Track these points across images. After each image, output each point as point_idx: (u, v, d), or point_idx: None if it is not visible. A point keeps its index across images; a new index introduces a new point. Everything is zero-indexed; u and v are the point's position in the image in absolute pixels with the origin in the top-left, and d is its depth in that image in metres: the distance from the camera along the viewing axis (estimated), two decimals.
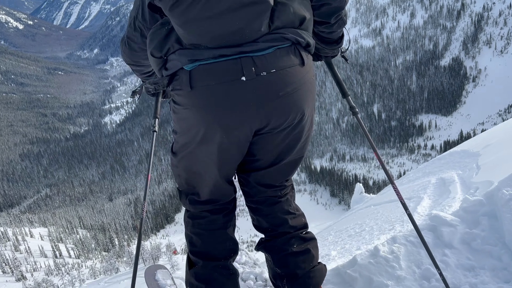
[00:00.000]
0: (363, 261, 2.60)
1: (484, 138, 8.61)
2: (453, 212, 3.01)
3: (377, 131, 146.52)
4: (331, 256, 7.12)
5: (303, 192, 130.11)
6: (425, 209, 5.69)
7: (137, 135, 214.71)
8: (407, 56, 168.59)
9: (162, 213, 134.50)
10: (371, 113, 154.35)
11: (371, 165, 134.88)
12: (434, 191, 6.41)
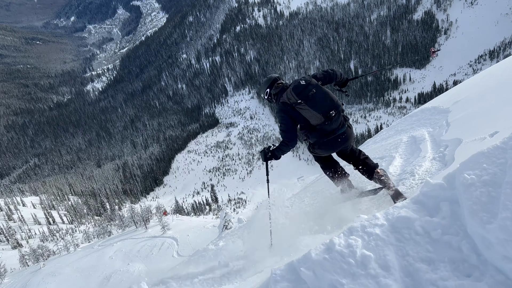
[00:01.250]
0: (317, 257, 2.42)
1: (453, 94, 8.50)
2: (413, 197, 2.73)
3: (354, 87, 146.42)
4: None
5: None
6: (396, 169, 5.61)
7: (120, 102, 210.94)
8: (381, 11, 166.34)
9: (150, 176, 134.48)
10: (348, 69, 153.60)
11: (350, 120, 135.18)
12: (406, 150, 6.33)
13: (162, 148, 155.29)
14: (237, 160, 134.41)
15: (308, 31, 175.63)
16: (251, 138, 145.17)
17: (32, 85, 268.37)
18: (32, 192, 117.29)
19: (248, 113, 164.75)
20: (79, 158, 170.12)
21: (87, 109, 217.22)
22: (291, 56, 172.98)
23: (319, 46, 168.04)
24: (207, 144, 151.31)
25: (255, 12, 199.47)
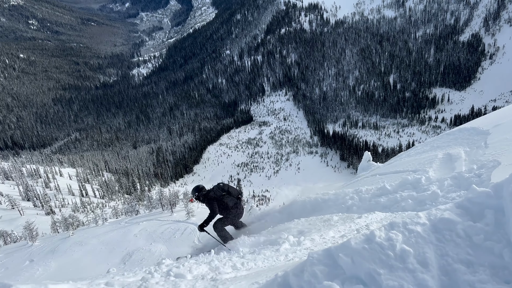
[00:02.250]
0: (357, 246, 2.47)
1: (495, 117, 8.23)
2: (457, 202, 2.71)
3: (390, 101, 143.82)
4: (333, 220, 7.07)
5: (315, 154, 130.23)
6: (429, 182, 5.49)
7: (162, 89, 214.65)
8: (428, 29, 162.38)
9: (181, 163, 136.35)
10: (386, 83, 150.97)
11: (382, 133, 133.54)
12: (440, 166, 6.21)
13: (196, 138, 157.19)
14: (265, 158, 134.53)
15: (351, 40, 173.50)
16: (282, 138, 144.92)
17: (82, 63, 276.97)
18: (70, 164, 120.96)
19: (282, 114, 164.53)
20: (117, 138, 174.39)
21: (130, 92, 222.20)
22: (332, 64, 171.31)
23: (361, 57, 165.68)
24: (238, 139, 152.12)
25: (302, 16, 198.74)
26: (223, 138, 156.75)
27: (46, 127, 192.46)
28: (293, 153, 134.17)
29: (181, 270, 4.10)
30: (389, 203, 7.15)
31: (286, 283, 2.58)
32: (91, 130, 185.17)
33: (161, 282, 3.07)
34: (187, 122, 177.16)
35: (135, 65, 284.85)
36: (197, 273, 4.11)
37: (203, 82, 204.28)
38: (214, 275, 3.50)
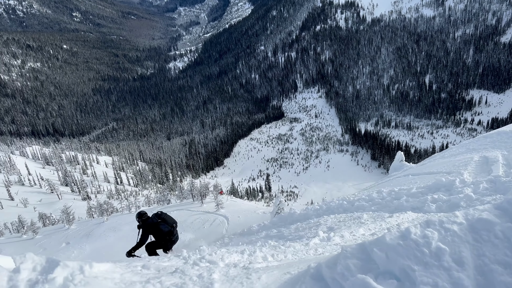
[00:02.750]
0: (391, 241, 2.45)
1: None
2: (496, 203, 2.64)
3: (425, 101, 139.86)
4: (363, 218, 6.99)
5: (345, 152, 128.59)
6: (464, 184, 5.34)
7: (197, 83, 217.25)
8: (467, 29, 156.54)
9: (212, 156, 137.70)
10: (422, 83, 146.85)
11: (415, 134, 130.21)
12: (476, 169, 6.00)
13: (228, 131, 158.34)
14: (295, 155, 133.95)
15: (387, 39, 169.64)
16: (312, 135, 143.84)
17: (121, 55, 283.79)
18: (107, 152, 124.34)
19: (313, 111, 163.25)
20: (152, 129, 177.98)
21: (166, 85, 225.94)
22: (366, 62, 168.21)
23: (396, 56, 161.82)
24: (269, 135, 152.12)
25: (338, 14, 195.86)
26: (254, 133, 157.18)
27: (85, 116, 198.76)
28: (323, 151, 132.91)
29: (214, 258, 4.18)
30: (420, 204, 7.01)
31: (319, 274, 2.59)
32: (128, 120, 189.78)
33: (196, 267, 3.14)
34: (220, 116, 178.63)
35: (172, 58, 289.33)
36: (229, 262, 4.18)
37: (236, 77, 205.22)
38: (246, 264, 3.56)
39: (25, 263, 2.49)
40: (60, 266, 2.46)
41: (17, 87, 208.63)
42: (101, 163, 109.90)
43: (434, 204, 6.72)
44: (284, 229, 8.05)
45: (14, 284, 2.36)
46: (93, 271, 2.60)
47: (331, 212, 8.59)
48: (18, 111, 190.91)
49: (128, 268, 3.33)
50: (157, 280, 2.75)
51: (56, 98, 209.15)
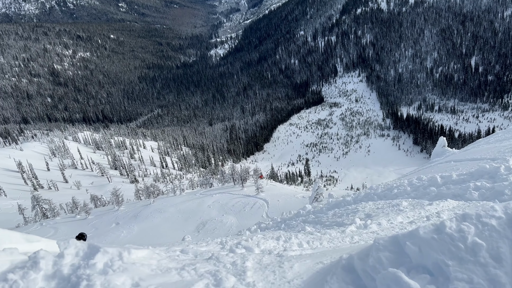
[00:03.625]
0: (425, 235, 2.33)
1: None
2: None
3: (471, 84, 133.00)
4: (402, 206, 6.79)
5: (386, 137, 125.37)
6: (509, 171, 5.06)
7: (237, 69, 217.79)
8: None
9: (253, 141, 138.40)
10: (467, 65, 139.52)
11: (460, 118, 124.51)
12: None
13: (267, 117, 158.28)
14: (335, 140, 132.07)
15: (431, 20, 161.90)
16: (352, 120, 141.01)
17: (165, 44, 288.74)
18: (153, 138, 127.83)
19: (354, 95, 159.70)
20: (195, 115, 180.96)
21: (208, 72, 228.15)
22: (409, 45, 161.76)
23: (440, 38, 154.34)
24: (308, 120, 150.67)
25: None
26: (293, 118, 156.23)
27: (132, 102, 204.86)
28: (364, 135, 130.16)
29: (250, 244, 4.22)
30: (461, 192, 6.72)
31: (350, 266, 2.54)
32: (172, 107, 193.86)
33: (230, 254, 3.19)
34: (259, 101, 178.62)
35: (213, 46, 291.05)
36: (264, 248, 4.20)
37: (276, 63, 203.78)
38: (280, 251, 3.57)
39: (69, 249, 2.61)
40: (101, 252, 2.56)
41: (69, 76, 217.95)
42: (148, 148, 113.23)
43: (476, 192, 6.43)
44: (322, 214, 7.97)
45: (59, 268, 2.49)
46: (131, 258, 2.70)
47: (369, 199, 8.42)
48: (70, 98, 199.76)
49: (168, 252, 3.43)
50: (192, 267, 2.81)
51: (105, 86, 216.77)
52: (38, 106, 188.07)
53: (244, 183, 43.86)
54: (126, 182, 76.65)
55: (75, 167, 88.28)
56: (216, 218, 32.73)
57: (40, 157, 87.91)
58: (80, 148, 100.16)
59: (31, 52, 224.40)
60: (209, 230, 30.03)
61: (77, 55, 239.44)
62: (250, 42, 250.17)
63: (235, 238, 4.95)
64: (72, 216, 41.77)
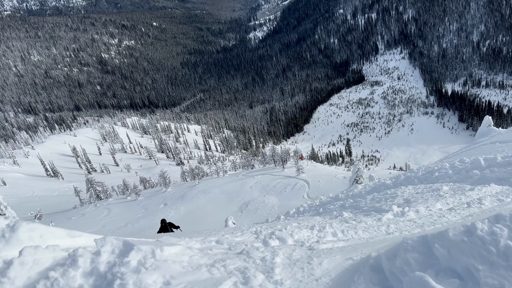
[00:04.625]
0: (455, 237, 2.20)
1: None
2: None
3: None
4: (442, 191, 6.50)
5: (430, 114, 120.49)
6: None
7: (276, 51, 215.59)
8: None
9: (292, 123, 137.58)
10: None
11: (509, 93, 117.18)
12: None
13: (307, 98, 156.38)
14: (376, 119, 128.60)
15: None
16: (395, 98, 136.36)
17: (205, 29, 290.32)
18: (196, 122, 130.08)
19: (396, 73, 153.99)
20: (235, 98, 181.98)
21: (247, 55, 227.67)
22: (453, 18, 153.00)
23: (488, 9, 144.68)
24: (349, 100, 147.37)
25: None
26: (333, 98, 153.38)
27: (176, 88, 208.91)
28: (407, 114, 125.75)
29: (284, 234, 4.21)
30: (506, 175, 6.34)
31: (378, 265, 2.45)
32: (213, 91, 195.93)
33: (261, 249, 3.19)
34: (299, 83, 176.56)
35: (252, 28, 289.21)
36: (298, 238, 4.17)
37: (315, 43, 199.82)
38: (313, 243, 3.53)
39: (105, 246, 2.73)
40: (135, 250, 2.66)
41: (116, 64, 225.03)
42: (191, 131, 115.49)
43: None
44: (360, 199, 7.81)
45: (96, 266, 2.57)
46: (164, 255, 2.79)
47: (410, 182, 8.15)
48: (118, 86, 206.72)
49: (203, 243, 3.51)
50: (221, 264, 2.85)
51: (150, 72, 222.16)
52: (89, 93, 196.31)
53: (285, 164, 43.83)
54: (173, 165, 78.78)
55: (125, 151, 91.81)
56: (258, 198, 33.02)
57: (92, 142, 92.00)
58: (128, 133, 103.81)
59: (80, 42, 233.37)
60: (252, 211, 30.39)
61: (122, 43, 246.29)
62: (289, 23, 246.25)
63: (270, 227, 4.96)
64: (123, 197, 43.56)
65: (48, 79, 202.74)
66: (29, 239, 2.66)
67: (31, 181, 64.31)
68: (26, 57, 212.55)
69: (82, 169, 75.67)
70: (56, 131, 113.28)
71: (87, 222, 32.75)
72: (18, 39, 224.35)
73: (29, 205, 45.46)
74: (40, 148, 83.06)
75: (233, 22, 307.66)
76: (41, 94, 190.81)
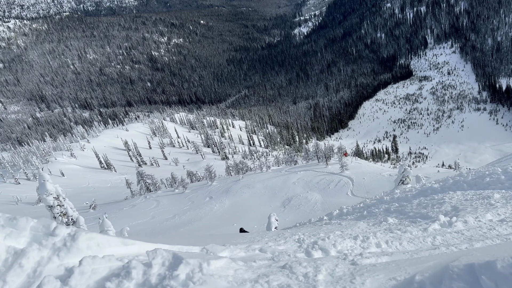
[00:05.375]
0: (503, 270, 2.00)
1: None
2: None
3: None
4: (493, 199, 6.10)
5: (482, 111, 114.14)
6: None
7: (321, 46, 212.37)
8: None
9: (337, 118, 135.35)
10: None
11: None
12: None
13: (352, 93, 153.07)
14: (425, 115, 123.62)
15: None
16: (444, 94, 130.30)
17: (250, 26, 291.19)
18: (240, 117, 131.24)
19: (446, 68, 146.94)
20: (279, 94, 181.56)
21: (291, 51, 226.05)
22: (509, 10, 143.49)
23: None
24: (396, 95, 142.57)
25: None
26: (379, 94, 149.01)
27: (221, 84, 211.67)
28: (457, 110, 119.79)
29: (326, 244, 4.15)
30: None
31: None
32: (257, 87, 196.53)
33: (304, 263, 3.14)
34: (344, 78, 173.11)
35: (297, 24, 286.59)
36: (341, 248, 4.09)
37: (361, 38, 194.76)
38: (356, 256, 3.45)
39: (156, 259, 2.86)
40: (183, 264, 2.75)
41: (165, 62, 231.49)
42: (236, 127, 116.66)
43: None
44: (406, 203, 7.54)
45: (148, 278, 2.64)
46: (210, 269, 2.85)
47: (458, 187, 7.75)
48: (167, 82, 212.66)
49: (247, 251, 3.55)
50: (265, 279, 2.86)
51: (197, 69, 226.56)
52: (140, 90, 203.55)
53: (328, 160, 43.21)
54: (218, 159, 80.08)
55: (173, 145, 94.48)
56: (301, 194, 32.81)
57: (143, 136, 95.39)
58: (176, 128, 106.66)
59: (132, 41, 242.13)
60: (294, 206, 30.26)
61: (171, 41, 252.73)
62: (334, 18, 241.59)
63: (313, 234, 4.90)
64: (171, 190, 44.85)
65: (103, 76, 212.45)
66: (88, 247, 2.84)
67: (86, 173, 67.87)
68: (83, 56, 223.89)
69: (133, 162, 78.75)
70: (110, 125, 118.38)
71: (137, 213, 34.04)
72: (75, 39, 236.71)
73: (84, 195, 47.93)
74: (94, 141, 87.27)
75: (278, 18, 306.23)
76: (96, 91, 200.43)
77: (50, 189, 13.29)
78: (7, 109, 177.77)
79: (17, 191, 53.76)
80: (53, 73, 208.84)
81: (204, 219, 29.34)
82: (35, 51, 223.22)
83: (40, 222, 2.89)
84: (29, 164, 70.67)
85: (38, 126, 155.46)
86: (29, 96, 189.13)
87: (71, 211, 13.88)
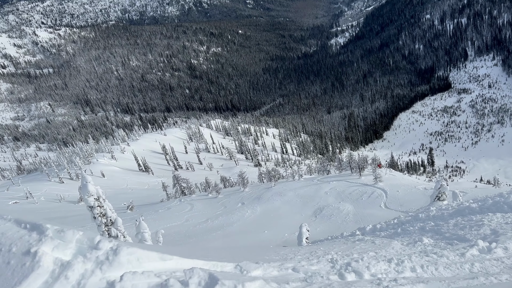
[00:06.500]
0: None
1: None
2: None
3: None
4: None
5: None
6: None
7: (357, 57, 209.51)
8: None
9: (371, 129, 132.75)
10: None
11: None
12: None
13: (388, 104, 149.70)
14: (463, 128, 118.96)
15: None
16: (484, 107, 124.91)
17: (287, 36, 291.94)
18: (274, 125, 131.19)
19: (486, 80, 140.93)
20: (314, 103, 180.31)
21: (327, 61, 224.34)
22: None
23: None
24: (433, 107, 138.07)
25: None
26: (416, 106, 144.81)
27: (257, 93, 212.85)
28: (497, 124, 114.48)
29: (360, 266, 4.02)
30: None
31: None
32: (292, 96, 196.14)
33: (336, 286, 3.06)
34: (380, 89, 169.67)
35: (333, 35, 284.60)
36: (375, 272, 3.95)
37: (398, 49, 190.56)
38: (389, 285, 3.26)
39: (193, 278, 2.87)
40: (219, 285, 2.75)
41: (204, 70, 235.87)
42: (270, 134, 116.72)
43: None
44: (442, 222, 7.22)
45: None
46: None
47: (498, 209, 7.33)
48: (204, 90, 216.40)
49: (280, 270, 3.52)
50: None
51: (233, 78, 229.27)
52: (178, 96, 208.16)
53: (362, 171, 42.29)
54: (251, 166, 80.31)
55: (208, 150, 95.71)
56: (332, 204, 32.23)
57: (180, 141, 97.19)
58: (212, 134, 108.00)
59: (173, 49, 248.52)
60: (326, 216, 29.73)
61: (210, 50, 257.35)
62: (372, 29, 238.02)
63: (346, 255, 4.77)
64: (205, 194, 45.24)
65: (144, 83, 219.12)
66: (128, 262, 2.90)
67: (125, 175, 69.89)
68: (126, 62, 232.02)
69: (170, 165, 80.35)
70: (149, 130, 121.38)
71: (172, 216, 34.54)
72: (120, 46, 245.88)
73: (122, 196, 49.27)
74: (134, 145, 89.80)
75: (315, 28, 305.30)
76: (137, 96, 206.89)
77: (91, 191, 13.76)
78: (55, 112, 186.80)
79: (60, 189, 56.00)
80: (98, 79, 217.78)
81: (235, 224, 29.37)
82: (82, 58, 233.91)
83: (85, 235, 2.98)
84: (72, 165, 73.59)
85: (82, 129, 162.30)
86: (75, 100, 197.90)
87: (110, 212, 14.27)
